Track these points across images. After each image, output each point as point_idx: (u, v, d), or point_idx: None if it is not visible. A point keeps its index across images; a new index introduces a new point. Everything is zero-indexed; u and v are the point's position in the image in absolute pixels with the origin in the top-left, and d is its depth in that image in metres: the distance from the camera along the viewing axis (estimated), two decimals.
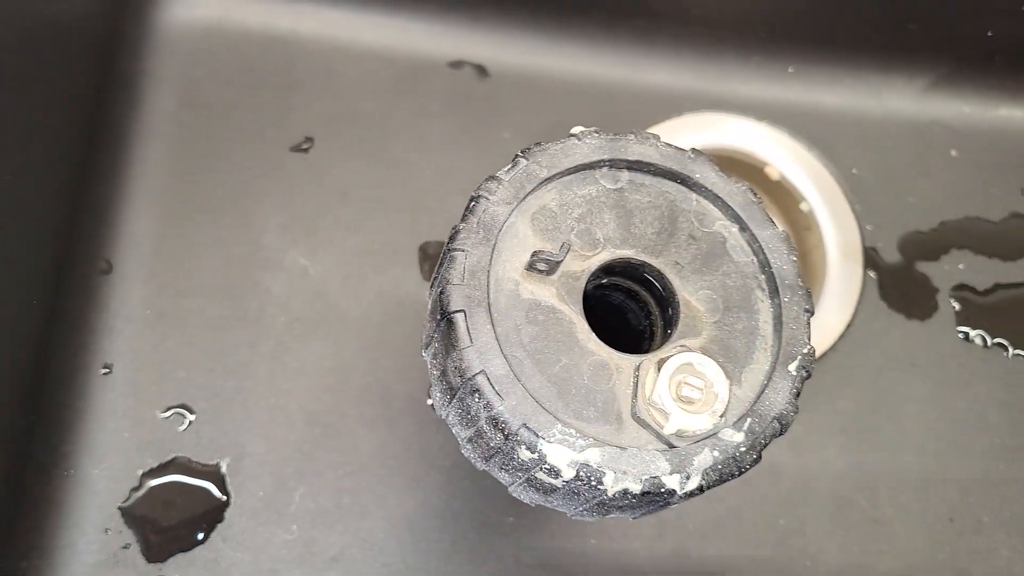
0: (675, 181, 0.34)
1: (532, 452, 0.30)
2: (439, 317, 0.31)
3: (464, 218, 0.32)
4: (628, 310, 0.36)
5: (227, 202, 0.49)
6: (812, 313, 0.33)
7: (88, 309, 0.45)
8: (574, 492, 0.31)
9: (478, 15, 0.53)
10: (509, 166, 0.33)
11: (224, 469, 0.45)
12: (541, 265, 0.32)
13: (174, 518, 0.44)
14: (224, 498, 0.44)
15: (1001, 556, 0.49)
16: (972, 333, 0.53)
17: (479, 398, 0.30)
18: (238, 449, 0.45)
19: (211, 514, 0.44)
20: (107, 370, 0.45)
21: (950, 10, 0.53)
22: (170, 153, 0.49)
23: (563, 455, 0.29)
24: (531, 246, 0.32)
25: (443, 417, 0.34)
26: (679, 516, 0.48)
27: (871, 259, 0.54)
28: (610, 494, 0.30)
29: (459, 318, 0.30)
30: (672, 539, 0.47)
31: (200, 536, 0.43)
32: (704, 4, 0.54)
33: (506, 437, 0.30)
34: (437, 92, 0.53)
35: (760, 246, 0.34)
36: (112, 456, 0.44)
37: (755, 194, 0.34)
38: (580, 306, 0.32)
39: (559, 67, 0.54)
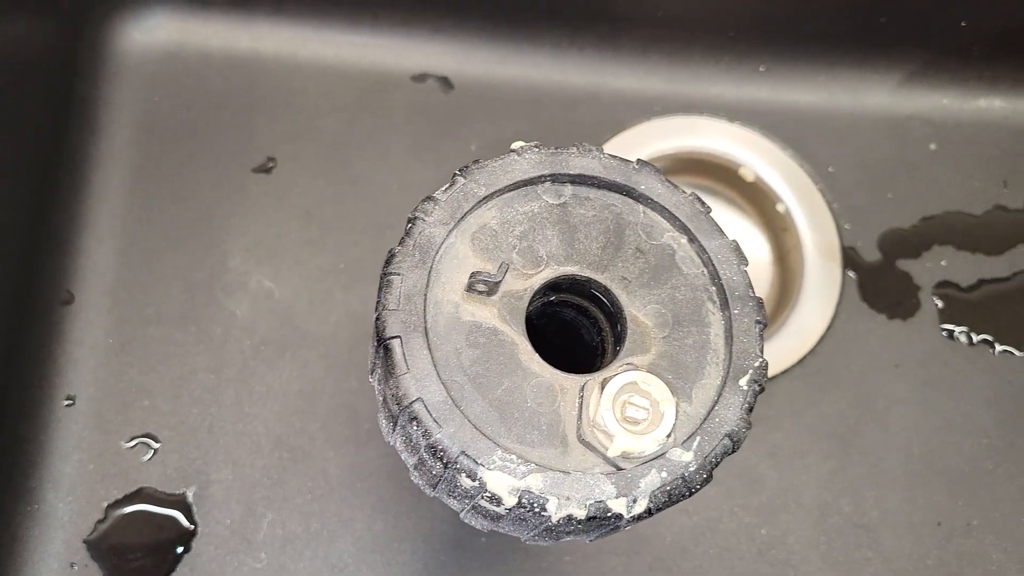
0: (620, 193, 0.34)
1: (473, 480, 0.29)
2: (376, 344, 0.31)
3: (401, 241, 0.32)
4: (581, 326, 0.35)
5: (189, 227, 0.48)
6: (764, 324, 0.32)
7: (50, 340, 0.45)
8: (520, 519, 0.30)
9: (440, 27, 0.53)
10: (447, 185, 0.32)
11: (191, 498, 0.44)
12: (480, 286, 0.31)
13: (141, 549, 0.43)
14: (191, 527, 0.44)
15: (992, 560, 0.48)
16: (956, 331, 0.51)
17: (417, 426, 0.29)
18: (204, 477, 0.44)
19: (178, 544, 0.43)
20: (70, 402, 0.45)
21: (921, 1, 0.52)
22: (130, 179, 0.49)
23: (504, 482, 0.29)
24: (471, 267, 0.32)
25: (390, 444, 0.33)
26: (656, 529, 0.47)
27: (850, 259, 0.53)
28: (555, 520, 0.29)
29: (395, 344, 0.30)
30: (649, 553, 0.46)
31: (168, 567, 0.43)
32: (670, 5, 0.53)
33: (445, 465, 0.29)
34: (400, 106, 0.52)
35: (709, 257, 0.33)
36: (77, 489, 0.44)
37: (703, 203, 0.33)
38: (523, 326, 0.31)
39: (524, 76, 0.53)
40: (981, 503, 0.48)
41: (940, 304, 0.52)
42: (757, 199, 0.55)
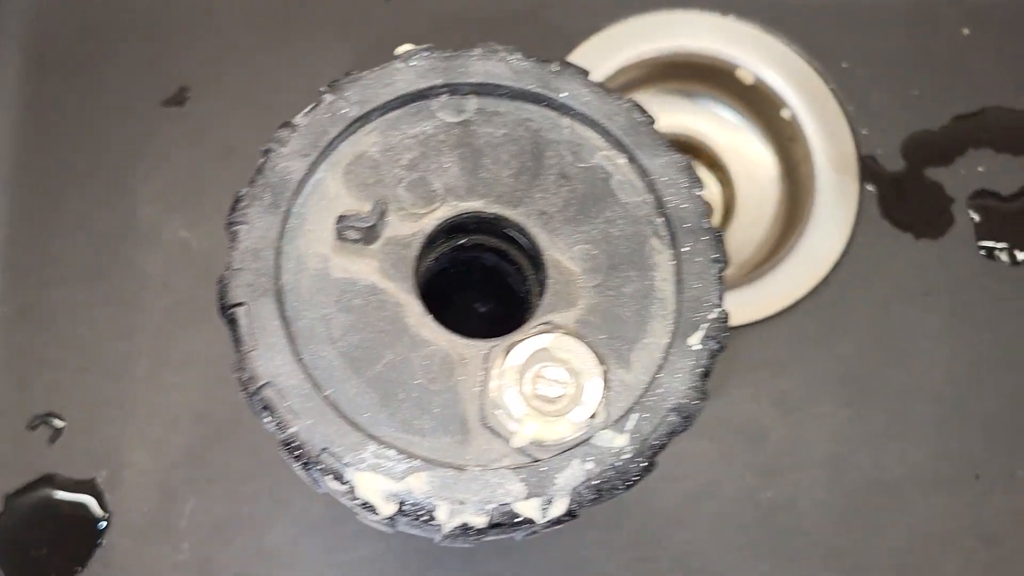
0: (538, 104, 0.26)
1: (341, 483, 0.23)
2: (219, 313, 0.24)
3: (251, 180, 0.25)
4: (507, 274, 0.29)
5: (92, 173, 0.42)
6: (725, 264, 0.25)
7: None
8: (412, 525, 0.24)
9: None
10: (310, 106, 0.26)
11: (102, 483, 0.39)
12: (351, 233, 0.24)
13: (46, 544, 0.38)
14: (104, 516, 0.38)
15: None
16: (997, 248, 0.44)
17: (270, 417, 0.23)
18: (116, 459, 0.39)
19: (89, 536, 0.38)
20: None
21: None
22: (20, 121, 0.42)
23: (377, 485, 0.22)
24: (346, 209, 0.25)
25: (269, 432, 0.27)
26: (641, 496, 0.40)
27: (869, 169, 0.45)
28: (447, 530, 0.23)
29: (239, 313, 0.23)
30: (633, 525, 0.40)
31: (78, 562, 0.38)
32: None
33: (305, 466, 0.23)
34: (333, 19, 0.45)
35: (652, 180, 0.26)
36: None
37: (643, 112, 0.26)
38: (411, 281, 0.25)
39: None
40: None
41: (977, 218, 0.44)
42: (759, 105, 0.47)
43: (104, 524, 0.39)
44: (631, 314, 0.25)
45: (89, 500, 0.39)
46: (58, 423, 0.39)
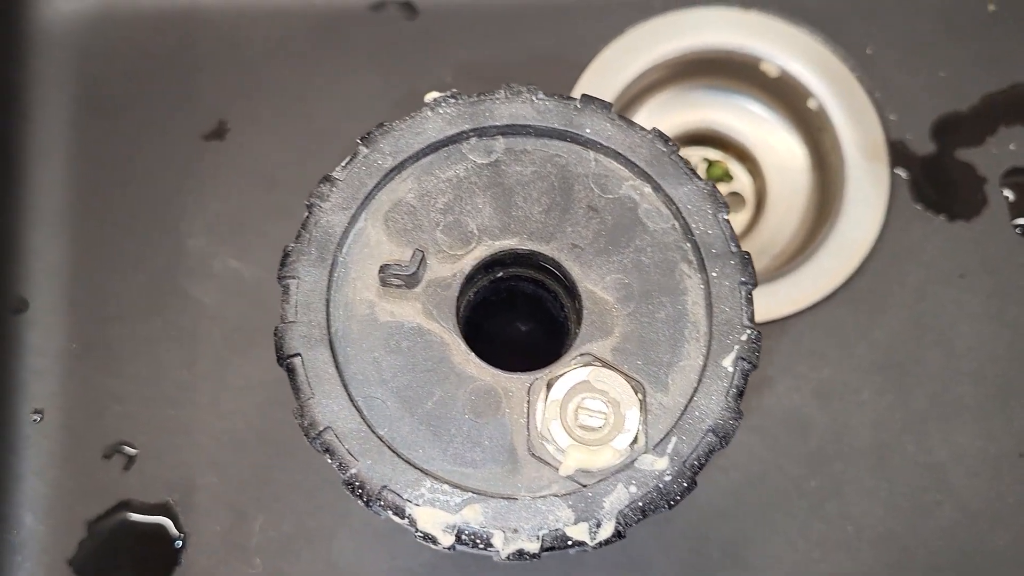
0: (563, 140, 0.27)
1: (402, 517, 0.24)
2: (278, 362, 0.26)
3: (297, 235, 0.26)
4: (545, 300, 0.30)
5: (142, 210, 0.44)
6: (753, 285, 0.26)
7: (6, 353, 0.42)
8: (470, 553, 0.25)
9: None
10: (347, 159, 0.27)
11: (176, 507, 0.41)
12: (394, 280, 0.26)
13: (128, 566, 0.41)
14: (179, 538, 0.41)
15: None
16: None
17: (332, 459, 0.25)
18: (188, 483, 0.41)
19: (167, 557, 0.40)
20: (38, 416, 0.42)
21: None
22: (72, 165, 0.44)
23: (435, 519, 0.24)
24: (387, 255, 0.26)
25: None
26: None
27: (900, 154, 0.45)
28: (503, 556, 0.24)
29: (296, 364, 0.25)
30: (682, 520, 0.41)
31: None
32: None
33: (367, 503, 0.24)
34: (360, 43, 0.46)
35: (678, 208, 0.27)
36: (55, 508, 0.41)
37: (666, 141, 0.27)
38: (453, 321, 0.26)
39: None
40: None
41: (1011, 196, 0.44)
42: (785, 96, 0.47)
43: (180, 543, 0.41)
44: (665, 339, 0.26)
45: (166, 522, 0.41)
46: (130, 451, 0.41)
